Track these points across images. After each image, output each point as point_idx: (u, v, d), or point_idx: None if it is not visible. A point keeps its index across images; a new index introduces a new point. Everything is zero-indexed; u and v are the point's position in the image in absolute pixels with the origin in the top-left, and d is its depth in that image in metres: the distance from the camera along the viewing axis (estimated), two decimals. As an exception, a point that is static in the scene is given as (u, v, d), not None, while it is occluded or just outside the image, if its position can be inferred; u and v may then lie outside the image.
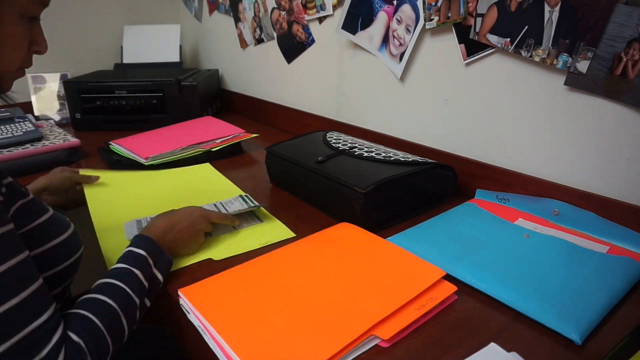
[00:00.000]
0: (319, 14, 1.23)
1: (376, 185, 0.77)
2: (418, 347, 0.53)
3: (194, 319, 0.57)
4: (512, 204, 0.86)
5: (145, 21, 1.83)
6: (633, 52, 0.68)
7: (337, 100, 1.28)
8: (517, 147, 0.88)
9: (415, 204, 0.87)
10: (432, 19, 0.93)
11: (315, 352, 0.49)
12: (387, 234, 0.77)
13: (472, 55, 0.89)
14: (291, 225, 0.82)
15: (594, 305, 0.57)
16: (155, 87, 1.43)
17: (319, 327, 0.53)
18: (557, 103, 0.79)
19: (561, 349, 0.53)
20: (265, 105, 1.56)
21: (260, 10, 1.45)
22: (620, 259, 0.67)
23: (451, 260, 0.68)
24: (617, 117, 0.73)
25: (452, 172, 0.91)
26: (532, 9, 0.78)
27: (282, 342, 0.51)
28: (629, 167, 0.73)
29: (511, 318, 0.58)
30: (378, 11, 1.06)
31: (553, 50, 0.77)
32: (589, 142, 0.77)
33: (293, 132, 1.43)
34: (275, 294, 0.59)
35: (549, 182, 0.83)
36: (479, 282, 0.63)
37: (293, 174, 0.94)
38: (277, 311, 0.56)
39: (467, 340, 0.54)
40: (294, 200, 0.93)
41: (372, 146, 0.96)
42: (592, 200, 0.77)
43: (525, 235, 0.75)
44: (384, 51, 1.08)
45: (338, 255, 0.68)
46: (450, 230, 0.77)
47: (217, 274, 0.64)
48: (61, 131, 1.25)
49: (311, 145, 1.00)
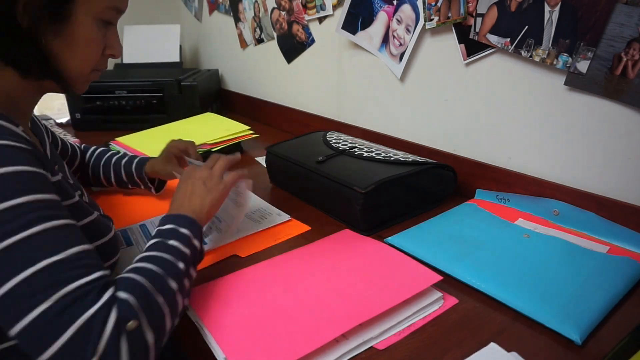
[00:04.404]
0: (319, 14, 1.23)
1: (376, 185, 0.77)
2: (418, 347, 0.53)
3: (193, 314, 0.58)
4: (512, 204, 0.86)
5: (145, 21, 1.83)
6: (633, 52, 0.68)
7: (337, 100, 1.28)
8: (517, 147, 0.88)
9: (415, 204, 0.87)
10: (432, 19, 0.93)
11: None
12: (387, 234, 0.77)
13: (472, 55, 0.89)
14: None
15: (594, 305, 0.57)
16: (155, 87, 1.43)
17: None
18: (557, 103, 0.79)
19: (561, 349, 0.53)
20: (265, 105, 1.56)
21: (260, 10, 1.45)
22: (620, 259, 0.67)
23: (451, 261, 0.68)
24: (617, 117, 0.73)
25: (452, 172, 0.91)
26: (532, 9, 0.78)
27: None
28: (629, 167, 0.73)
29: (511, 318, 0.58)
30: (378, 11, 1.06)
31: (553, 50, 0.77)
32: (589, 142, 0.77)
33: (293, 132, 1.43)
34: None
35: (549, 182, 0.83)
36: (479, 282, 0.63)
37: (293, 174, 0.94)
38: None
39: (467, 340, 0.54)
40: (293, 200, 0.93)
41: (372, 146, 0.96)
42: (592, 200, 0.77)
43: (525, 235, 0.75)
44: (384, 51, 1.08)
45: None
46: (450, 230, 0.77)
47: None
48: (61, 131, 1.25)
49: (311, 145, 1.00)
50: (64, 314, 0.40)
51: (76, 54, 0.53)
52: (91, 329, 0.40)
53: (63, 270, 0.42)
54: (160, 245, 0.54)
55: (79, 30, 0.52)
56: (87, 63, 0.55)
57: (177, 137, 0.91)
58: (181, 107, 1.43)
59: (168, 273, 0.50)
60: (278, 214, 0.86)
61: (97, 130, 1.43)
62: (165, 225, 0.57)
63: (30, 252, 0.41)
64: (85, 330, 0.40)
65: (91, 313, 0.41)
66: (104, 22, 0.55)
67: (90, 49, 0.54)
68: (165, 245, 0.54)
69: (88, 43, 0.54)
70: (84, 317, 0.40)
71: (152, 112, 1.45)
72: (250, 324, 0.54)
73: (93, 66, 0.56)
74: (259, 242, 0.76)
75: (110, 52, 0.58)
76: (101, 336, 0.40)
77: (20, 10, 0.48)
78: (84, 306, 0.41)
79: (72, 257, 0.43)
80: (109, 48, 0.58)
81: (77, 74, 0.55)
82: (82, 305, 0.41)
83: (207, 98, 1.58)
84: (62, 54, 0.52)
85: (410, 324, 0.56)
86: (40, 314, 0.39)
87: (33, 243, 0.41)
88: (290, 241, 0.77)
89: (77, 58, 0.54)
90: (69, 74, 0.54)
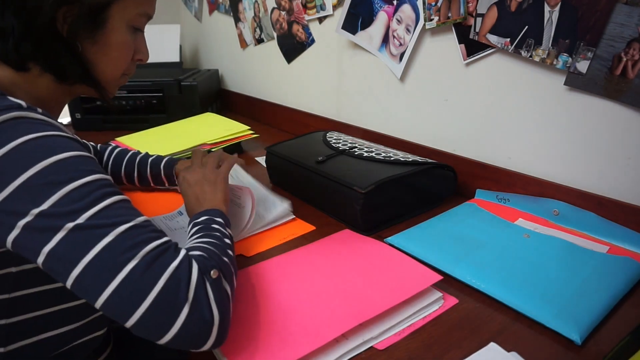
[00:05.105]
0: (319, 14, 1.23)
1: (376, 185, 0.77)
2: (418, 347, 0.53)
3: None
4: (512, 204, 0.86)
5: (145, 21, 1.83)
6: (633, 52, 0.68)
7: (337, 100, 1.28)
8: (517, 147, 0.88)
9: (415, 204, 0.87)
10: (432, 19, 0.93)
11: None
12: (387, 234, 0.77)
13: (472, 55, 0.89)
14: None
15: (594, 305, 0.57)
16: (155, 87, 1.43)
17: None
18: (557, 103, 0.79)
19: (561, 349, 0.53)
20: (265, 105, 1.56)
21: (260, 10, 1.45)
22: (620, 259, 0.67)
23: (451, 261, 0.68)
24: (617, 117, 0.73)
25: (452, 172, 0.91)
26: (532, 9, 0.78)
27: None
28: (629, 167, 0.73)
29: (511, 318, 0.58)
30: (378, 11, 1.06)
31: (553, 50, 0.77)
32: (589, 142, 0.77)
33: (293, 132, 1.43)
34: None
35: (549, 182, 0.83)
36: (479, 282, 0.63)
37: (293, 174, 0.94)
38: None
39: (467, 340, 0.54)
40: (294, 200, 0.93)
41: (372, 146, 0.96)
42: (591, 200, 0.77)
43: (525, 235, 0.74)
44: (384, 51, 1.08)
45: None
46: (450, 230, 0.77)
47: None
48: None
49: (311, 145, 1.00)
50: (153, 267, 0.43)
51: (110, 59, 0.56)
52: (180, 278, 0.44)
53: (139, 233, 0.45)
54: (204, 229, 0.58)
55: (113, 36, 0.55)
56: (119, 68, 0.58)
57: (177, 137, 0.92)
58: (181, 107, 1.43)
59: (222, 243, 0.55)
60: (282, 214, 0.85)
61: (97, 130, 1.43)
62: (199, 218, 0.60)
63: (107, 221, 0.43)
64: (175, 279, 0.44)
65: (176, 264, 0.45)
66: (134, 28, 0.58)
67: (122, 54, 0.57)
68: (209, 227, 0.58)
69: (121, 49, 0.56)
70: (171, 268, 0.44)
71: (152, 112, 1.45)
72: (250, 323, 0.54)
73: (123, 71, 0.59)
74: (264, 242, 0.76)
75: (139, 57, 0.61)
76: (189, 283, 0.44)
77: (60, 19, 0.51)
78: (168, 259, 0.45)
79: (143, 224, 0.46)
80: (137, 53, 0.61)
81: (110, 78, 0.58)
82: (166, 259, 0.44)
83: (207, 98, 1.58)
84: (97, 60, 0.55)
85: (410, 324, 0.56)
86: (130, 272, 0.42)
87: (107, 214, 0.44)
88: (291, 241, 0.77)
89: (110, 63, 0.57)
90: (102, 79, 0.57)
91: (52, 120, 0.48)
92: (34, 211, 0.42)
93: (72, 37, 0.52)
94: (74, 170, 0.44)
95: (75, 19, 0.51)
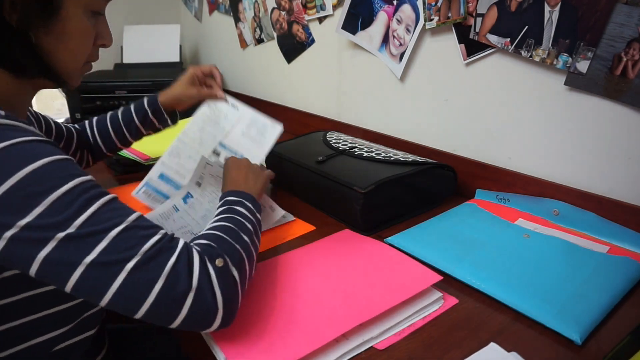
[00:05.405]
0: (319, 14, 1.23)
1: (376, 185, 0.77)
2: (418, 347, 0.53)
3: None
4: (512, 204, 0.86)
5: (145, 21, 1.83)
6: (633, 52, 0.68)
7: (337, 100, 1.28)
8: (517, 147, 0.88)
9: (415, 204, 0.87)
10: (432, 19, 0.93)
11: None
12: (387, 234, 0.77)
13: (472, 55, 0.89)
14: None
15: (594, 305, 0.57)
16: (156, 87, 1.42)
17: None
18: (557, 103, 0.79)
19: (561, 349, 0.53)
20: (265, 105, 1.56)
21: (260, 10, 1.45)
22: (620, 259, 0.67)
23: (451, 261, 0.68)
24: (617, 117, 0.73)
25: (452, 172, 0.91)
26: (532, 9, 0.78)
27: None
28: (629, 167, 0.73)
29: (511, 318, 0.58)
30: (378, 11, 1.06)
31: (553, 50, 0.77)
32: (589, 142, 0.77)
33: (293, 132, 1.42)
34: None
35: (549, 182, 0.83)
36: (479, 282, 0.63)
37: (293, 174, 0.94)
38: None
39: (467, 340, 0.54)
40: (294, 200, 0.93)
41: (372, 146, 0.96)
42: (591, 200, 0.77)
43: (525, 235, 0.74)
44: (384, 51, 1.08)
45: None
46: (451, 230, 0.77)
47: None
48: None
49: (311, 145, 1.00)
50: (152, 266, 0.44)
51: (68, 49, 0.52)
52: (179, 271, 0.45)
53: (133, 234, 0.45)
54: (229, 210, 0.60)
55: (69, 23, 0.50)
56: (80, 56, 0.54)
57: (177, 137, 0.91)
58: (181, 107, 1.43)
59: (240, 229, 0.56)
60: (283, 215, 0.85)
61: (97, 130, 1.43)
62: (231, 197, 0.63)
63: (98, 228, 0.43)
64: (175, 274, 0.45)
65: (174, 259, 0.45)
66: (93, 12, 0.53)
67: (82, 41, 0.53)
68: (234, 210, 0.60)
69: (80, 35, 0.52)
70: (170, 264, 0.45)
71: (152, 112, 1.44)
72: (250, 323, 0.54)
73: (85, 58, 0.55)
74: (264, 242, 0.76)
75: (101, 42, 0.57)
76: (192, 273, 0.46)
77: (7, 8, 0.46)
78: (166, 256, 0.45)
79: (135, 223, 0.46)
80: (99, 38, 0.56)
81: (72, 68, 0.54)
82: (163, 256, 0.45)
83: (207, 98, 1.58)
84: (54, 50, 0.51)
85: (410, 324, 0.56)
86: (131, 269, 0.43)
87: (97, 220, 0.43)
88: (291, 241, 0.77)
89: (69, 52, 0.52)
90: (62, 69, 0.53)
91: (19, 123, 0.45)
92: (19, 223, 0.40)
93: (23, 27, 0.47)
94: (54, 177, 0.43)
95: (25, 7, 0.46)
